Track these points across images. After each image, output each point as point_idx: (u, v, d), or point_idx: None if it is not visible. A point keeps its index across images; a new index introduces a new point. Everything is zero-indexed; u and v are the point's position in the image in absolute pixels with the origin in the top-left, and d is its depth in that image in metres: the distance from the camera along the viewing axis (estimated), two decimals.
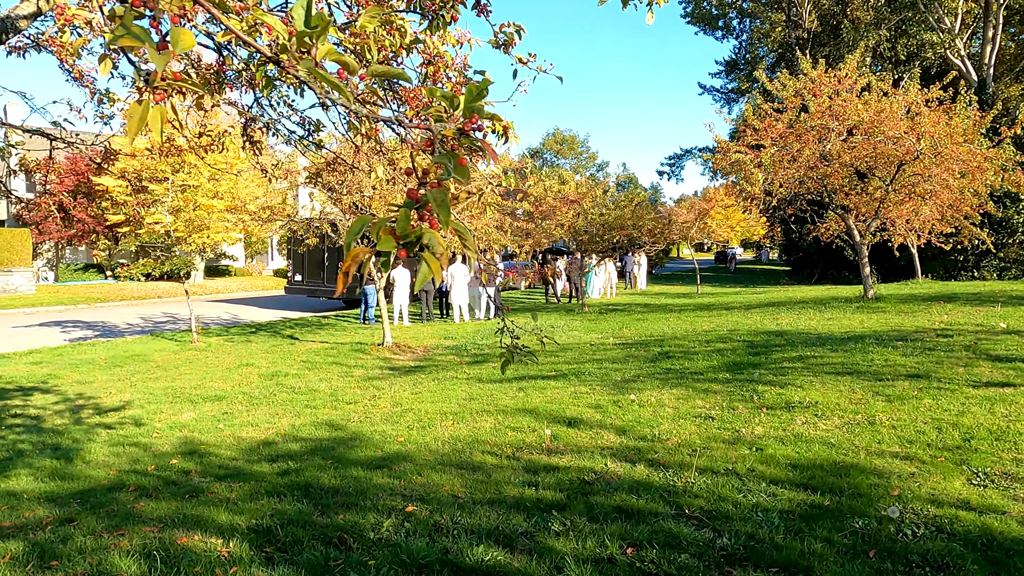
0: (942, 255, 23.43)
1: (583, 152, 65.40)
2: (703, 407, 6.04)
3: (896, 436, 4.80)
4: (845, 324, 11.42)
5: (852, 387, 6.42)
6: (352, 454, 5.43)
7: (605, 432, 5.44)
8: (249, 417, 7.42)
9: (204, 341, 13.48)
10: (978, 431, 4.81)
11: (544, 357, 10.26)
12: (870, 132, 13.59)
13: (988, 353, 7.89)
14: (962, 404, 5.60)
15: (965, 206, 14.14)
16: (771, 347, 9.40)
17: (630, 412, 6.05)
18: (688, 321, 13.83)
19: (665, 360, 8.96)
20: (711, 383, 7.11)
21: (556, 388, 7.52)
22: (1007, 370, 6.90)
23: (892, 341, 9.11)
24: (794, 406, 5.80)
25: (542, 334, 3.17)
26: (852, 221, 14.88)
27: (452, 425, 6.13)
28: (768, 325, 12.06)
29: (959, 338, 9.12)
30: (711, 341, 10.51)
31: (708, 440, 4.98)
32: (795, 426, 5.19)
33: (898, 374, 6.93)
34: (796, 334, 10.54)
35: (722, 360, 8.62)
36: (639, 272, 28.62)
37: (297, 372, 10.31)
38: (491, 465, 4.78)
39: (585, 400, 6.71)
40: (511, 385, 7.95)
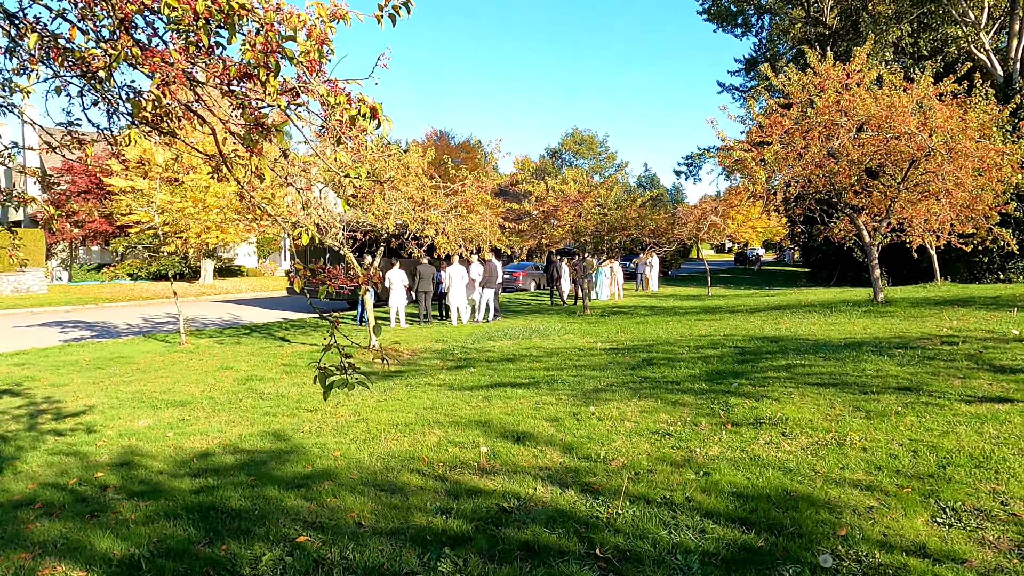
0: (965, 257, 22.42)
1: (602, 152, 64.71)
2: (665, 422, 5.55)
3: (864, 460, 4.28)
4: (847, 329, 10.78)
5: (832, 401, 5.87)
6: (279, 470, 5.05)
7: (551, 450, 4.98)
8: (204, 425, 7.10)
9: (193, 343, 13.27)
10: (958, 456, 4.26)
11: (528, 362, 9.83)
12: (880, 128, 12.91)
13: (991, 363, 7.26)
14: (948, 423, 5.04)
15: (982, 205, 13.35)
16: (761, 354, 8.84)
17: (586, 427, 5.59)
18: (687, 325, 13.26)
19: (647, 367, 8.45)
20: (684, 394, 6.60)
21: (522, 397, 7.07)
22: (1008, 383, 6.29)
23: (891, 349, 8.50)
24: (763, 422, 5.29)
25: (382, 351, 2.74)
26: (861, 221, 14.17)
27: (397, 438, 5.72)
28: (767, 330, 11.46)
29: (964, 346, 8.47)
30: (702, 347, 9.97)
31: (656, 461, 4.50)
32: (756, 446, 4.68)
33: (887, 386, 6.36)
34: (792, 340, 9.95)
35: (705, 368, 8.09)
36: (651, 273, 27.99)
37: (273, 376, 9.99)
38: (414, 487, 4.36)
39: (546, 412, 6.26)
40: (478, 394, 7.53)
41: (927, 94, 12.54)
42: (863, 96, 12.90)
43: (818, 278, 30.98)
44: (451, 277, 16.50)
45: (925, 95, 12.52)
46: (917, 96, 12.70)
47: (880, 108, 12.30)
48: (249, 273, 30.04)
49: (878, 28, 25.16)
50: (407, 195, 11.07)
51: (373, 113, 2.91)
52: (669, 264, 37.26)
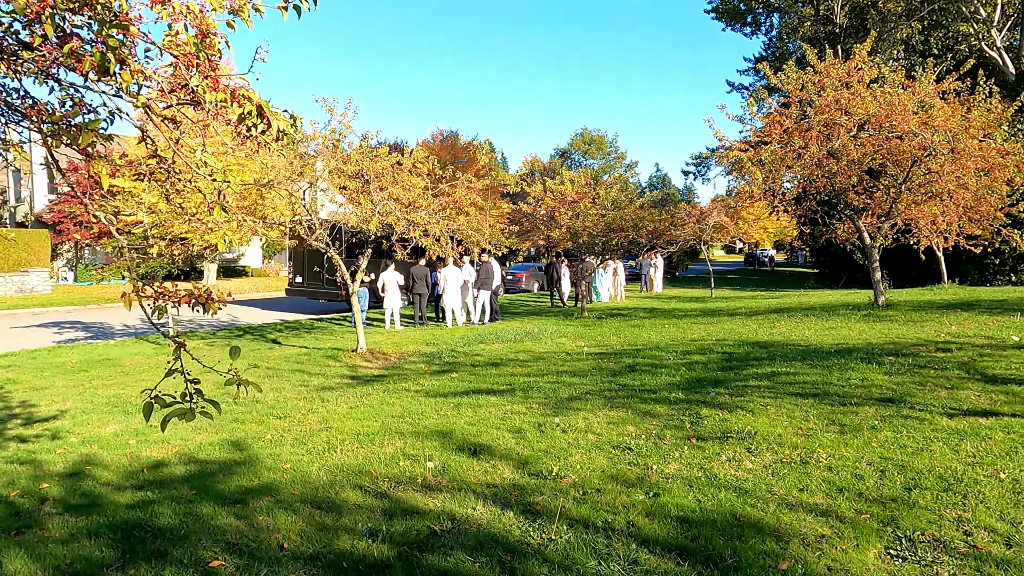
0: (976, 259, 21.86)
1: (611, 152, 64.29)
2: (630, 435, 5.29)
3: (826, 481, 4.00)
4: (842, 335, 10.44)
5: (808, 413, 5.59)
6: (224, 484, 4.85)
7: (504, 465, 4.75)
8: (169, 432, 6.91)
9: None
10: (927, 477, 3.98)
11: (512, 367, 9.60)
12: (881, 127, 12.54)
13: (984, 373, 6.92)
14: (925, 439, 4.74)
15: (986, 207, 12.92)
16: (748, 361, 8.54)
17: (548, 439, 5.34)
18: (682, 329, 12.96)
19: (628, 374, 8.19)
20: (658, 404, 6.34)
21: (493, 406, 6.84)
22: (997, 394, 5.97)
23: (882, 356, 8.17)
24: (730, 436, 5.02)
25: (236, 380, 2.55)
26: (861, 222, 13.78)
27: (354, 450, 5.51)
28: (761, 334, 11.14)
29: (959, 353, 8.13)
30: (690, 352, 9.68)
31: (608, 480, 4.26)
32: (716, 464, 4.42)
33: (869, 397, 6.06)
34: (783, 346, 9.64)
35: (687, 376, 7.81)
36: (655, 275, 27.64)
37: (255, 380, 9.80)
38: (352, 505, 4.14)
39: (511, 422, 6.02)
40: (451, 401, 7.31)
41: (928, 92, 12.15)
42: (863, 94, 12.53)
43: (827, 279, 30.47)
44: (446, 279, 16.30)
45: (927, 93, 12.13)
46: (919, 94, 12.32)
47: (880, 106, 11.93)
48: (254, 274, 30.04)
49: (887, 26, 24.66)
50: (393, 196, 10.88)
51: (260, 112, 2.70)
52: (676, 265, 36.85)
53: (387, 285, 16.23)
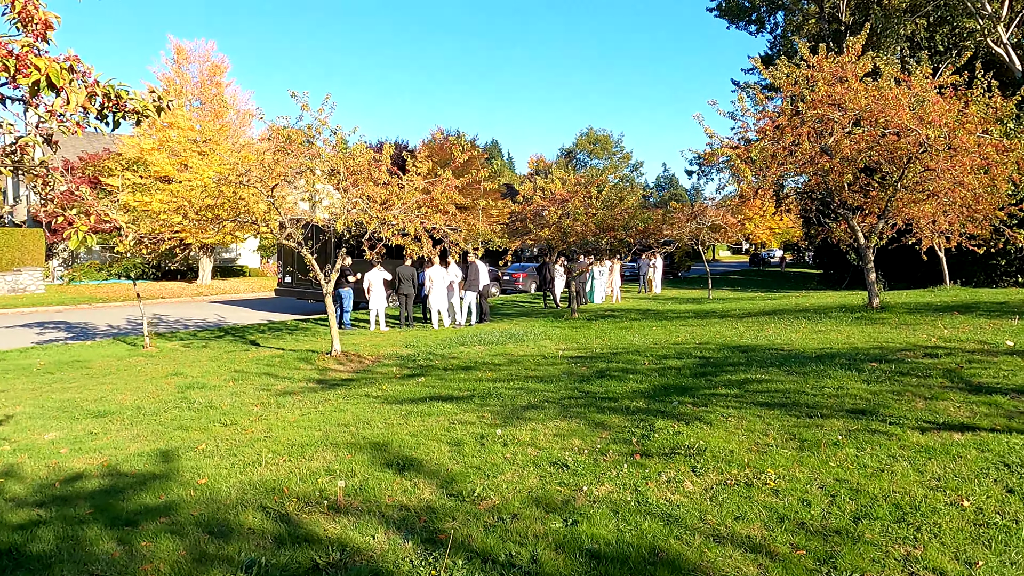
0: (982, 260, 21.19)
1: (616, 152, 63.73)
2: (573, 449, 4.87)
3: (768, 508, 3.56)
4: (829, 338, 9.95)
5: (770, 426, 5.14)
6: (129, 501, 4.47)
7: (427, 483, 4.33)
8: (108, 440, 6.58)
9: (157, 346, 12.85)
10: (881, 504, 3.53)
11: (483, 372, 9.19)
12: (875, 122, 12.02)
13: (969, 381, 6.44)
14: (890, 457, 4.29)
15: (985, 205, 12.35)
16: (724, 366, 8.08)
17: (485, 454, 4.93)
18: (669, 331, 12.50)
19: (596, 380, 7.75)
20: (615, 413, 5.90)
21: (443, 414, 6.43)
22: (979, 405, 5.49)
23: (865, 362, 7.69)
24: (678, 452, 4.58)
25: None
26: (856, 222, 13.25)
27: (280, 463, 5.12)
28: (746, 338, 10.67)
29: (946, 359, 7.63)
30: (668, 356, 9.23)
31: (530, 503, 3.84)
32: (653, 485, 3.98)
33: (840, 408, 5.60)
34: (765, 350, 9.16)
35: (657, 382, 7.37)
36: (654, 275, 27.13)
37: (218, 384, 9.48)
38: (246, 529, 3.75)
39: (455, 433, 5.61)
40: (404, 408, 6.91)
41: (924, 86, 11.62)
42: (856, 88, 12.02)
43: (831, 280, 29.82)
44: (432, 279, 15.91)
45: (922, 87, 11.60)
46: (914, 88, 11.78)
47: (873, 101, 11.41)
48: (251, 273, 29.79)
49: (890, 22, 24.01)
50: (366, 193, 10.50)
51: (50, 82, 2.30)
52: (678, 266, 36.26)
53: (372, 285, 15.87)
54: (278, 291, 20.00)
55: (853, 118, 12.44)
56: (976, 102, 11.85)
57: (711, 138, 13.68)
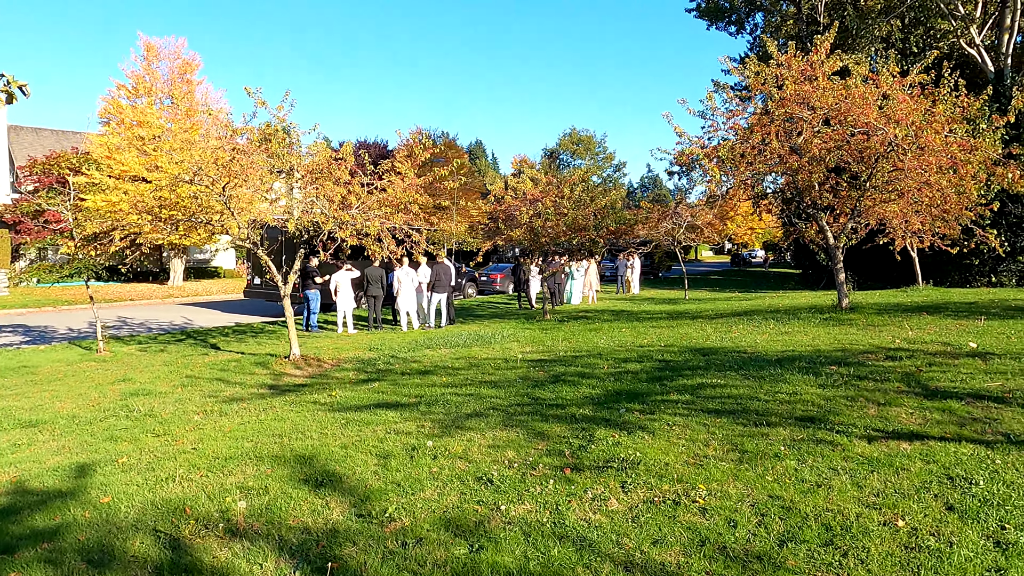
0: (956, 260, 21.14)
1: (599, 152, 63.60)
2: (504, 462, 4.58)
3: (691, 530, 3.29)
4: (794, 340, 9.74)
5: (713, 436, 4.88)
6: (21, 523, 4.14)
7: (340, 502, 4.03)
8: (30, 452, 6.22)
9: (112, 351, 12.43)
10: (811, 525, 3.27)
11: (439, 376, 8.89)
12: (843, 121, 11.84)
13: (926, 385, 6.22)
14: (831, 470, 4.04)
15: (952, 206, 12.20)
16: (681, 370, 7.83)
17: (411, 467, 4.63)
18: (637, 333, 12.26)
19: (549, 386, 7.47)
20: (558, 422, 5.63)
21: (382, 423, 6.13)
22: (932, 411, 5.26)
23: (825, 365, 7.47)
24: (611, 466, 4.31)
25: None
26: (825, 222, 13.09)
27: (195, 479, 4.79)
28: (711, 340, 10.44)
29: (907, 362, 7.43)
30: (629, 359, 8.98)
31: (442, 525, 3.55)
32: (575, 504, 3.71)
33: (791, 416, 5.35)
34: (727, 353, 8.93)
35: (609, 388, 7.11)
36: (632, 276, 26.93)
37: (166, 391, 9.11)
38: (129, 557, 3.43)
39: (387, 444, 5.31)
40: (344, 417, 6.59)
41: (891, 85, 11.46)
42: (824, 87, 11.84)
43: (809, 280, 29.77)
44: (400, 280, 15.59)
45: (889, 86, 11.43)
46: (882, 87, 11.62)
47: (839, 99, 11.24)
48: (226, 274, 29.28)
49: (864, 23, 23.96)
50: (322, 193, 10.18)
51: None
52: (658, 266, 36.12)
53: (340, 287, 15.52)
54: (247, 293, 19.59)
55: (822, 117, 12.26)
56: (943, 101, 11.71)
57: (681, 137, 13.46)
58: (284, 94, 11.10)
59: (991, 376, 6.55)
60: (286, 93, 10.68)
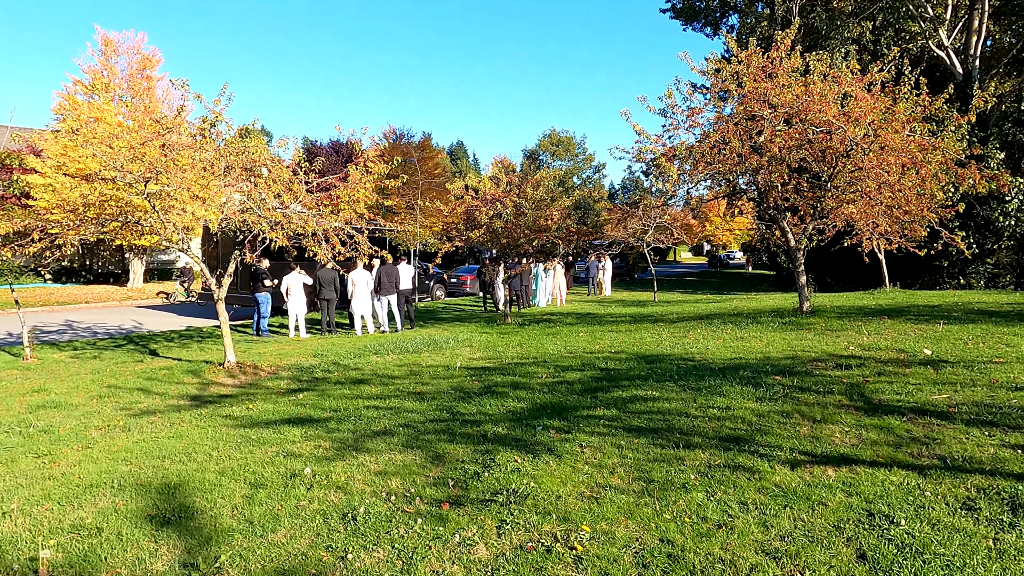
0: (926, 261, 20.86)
1: (579, 154, 63.19)
2: (384, 493, 4.02)
3: None
4: (747, 347, 9.27)
5: (625, 460, 4.35)
6: None
7: (173, 547, 3.45)
8: None
9: (39, 358, 11.71)
10: None
11: (371, 386, 8.31)
12: (803, 119, 11.41)
13: (869, 398, 5.74)
14: (740, 505, 3.52)
15: (912, 207, 11.79)
16: (619, 380, 7.31)
17: (277, 500, 4.06)
18: (593, 337, 11.75)
19: (476, 398, 6.92)
20: (464, 443, 5.08)
21: (278, 443, 5.55)
22: (869, 429, 4.77)
23: (769, 375, 6.98)
24: (496, 499, 3.76)
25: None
26: (787, 223, 12.65)
27: (33, 513, 4.19)
28: (663, 345, 9.94)
29: (856, 371, 6.95)
30: (571, 368, 8.44)
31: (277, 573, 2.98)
32: (435, 551, 3.15)
33: (716, 436, 4.84)
34: (674, 360, 8.42)
35: (538, 400, 6.57)
36: (604, 277, 26.46)
37: (79, 403, 8.47)
38: None
39: (268, 470, 4.73)
40: (245, 434, 6.01)
41: (849, 82, 11.04)
42: (783, 84, 11.40)
43: (783, 282, 29.47)
44: (354, 283, 14.98)
45: (850, 84, 11.01)
46: (842, 84, 11.20)
47: (797, 97, 10.80)
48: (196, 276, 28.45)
49: (834, 24, 23.66)
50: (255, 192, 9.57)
51: None
52: (632, 268, 35.69)
53: (292, 290, 14.88)
54: (202, 295, 18.87)
55: (783, 116, 11.82)
56: (904, 99, 11.30)
57: (639, 135, 12.95)
58: (222, 87, 10.51)
59: (940, 387, 6.10)
60: (224, 87, 10.07)
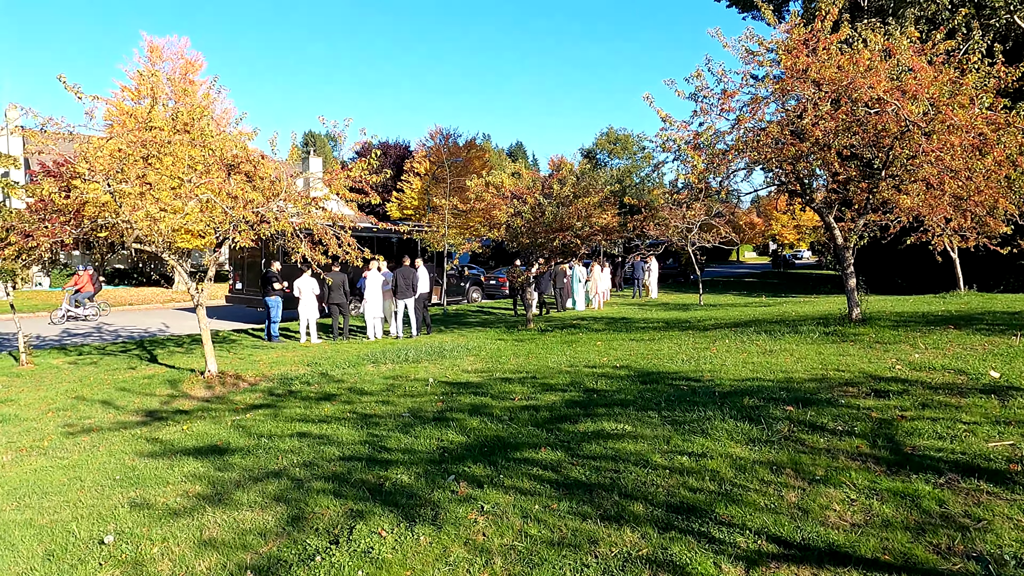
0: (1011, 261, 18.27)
1: (637, 152, 61.11)
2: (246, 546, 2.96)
3: None
4: (770, 363, 7.75)
5: (518, 541, 3.13)
6: None
7: None
8: None
9: (37, 362, 11.37)
10: None
11: (332, 406, 7.34)
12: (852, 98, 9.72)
13: (900, 445, 4.26)
14: None
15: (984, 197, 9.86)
16: (596, 406, 6.01)
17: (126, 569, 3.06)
18: (608, 348, 10.42)
19: (416, 429, 5.80)
20: (341, 499, 3.96)
21: (150, 482, 4.59)
22: (887, 499, 3.35)
23: (781, 404, 5.53)
24: None
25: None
26: (831, 219, 10.91)
27: None
28: (677, 360, 8.52)
29: (895, 401, 5.42)
30: (554, 387, 7.19)
31: None
32: None
33: (665, 500, 3.53)
34: (677, 380, 7.02)
35: (483, 433, 5.38)
36: (650, 279, 24.85)
37: (31, 417, 7.92)
38: None
39: (82, 531, 3.76)
40: (131, 468, 5.09)
41: (905, 52, 9.27)
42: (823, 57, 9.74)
43: None
44: (368, 286, 14.14)
45: (902, 52, 9.25)
46: (896, 54, 9.44)
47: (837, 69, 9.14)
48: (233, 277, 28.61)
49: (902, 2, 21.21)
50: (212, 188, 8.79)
51: None
52: (686, 268, 33.69)
53: (302, 294, 14.18)
54: (229, 298, 18.56)
55: (830, 95, 10.13)
56: (974, 69, 9.43)
57: (665, 122, 11.49)
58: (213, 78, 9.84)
59: (1003, 428, 4.54)
60: (214, 79, 9.38)
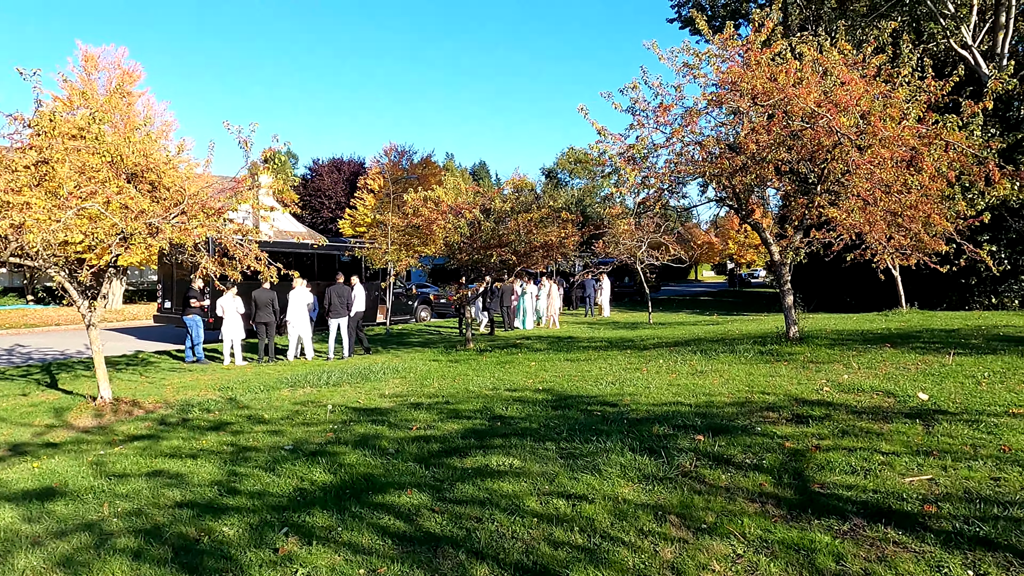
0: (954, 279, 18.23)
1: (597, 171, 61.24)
2: None
3: None
4: (698, 384, 7.21)
5: None
6: None
7: None
8: None
9: None
10: None
11: (224, 434, 6.54)
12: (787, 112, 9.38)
13: (808, 482, 3.69)
14: None
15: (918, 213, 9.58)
16: (493, 436, 5.35)
17: None
18: (540, 369, 9.80)
19: (285, 465, 5.07)
20: (148, 560, 3.23)
21: None
22: (777, 554, 2.76)
23: (693, 432, 4.95)
24: None
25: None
26: (768, 235, 10.54)
27: None
28: (601, 383, 7.92)
29: (814, 428, 4.88)
30: (461, 415, 6.51)
31: None
32: None
33: (517, 562, 2.89)
34: (591, 403, 6.41)
35: (356, 470, 4.69)
36: (602, 298, 24.43)
37: None
38: None
39: None
40: None
41: (835, 63, 8.98)
42: (757, 70, 9.41)
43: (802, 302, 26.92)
44: (292, 304, 13.31)
45: (832, 64, 8.96)
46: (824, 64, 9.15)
47: (766, 80, 8.80)
48: None
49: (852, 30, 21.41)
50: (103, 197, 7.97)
51: None
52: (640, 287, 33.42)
53: (225, 313, 13.28)
54: (156, 317, 17.47)
55: (766, 109, 9.79)
56: (904, 83, 9.19)
57: (600, 135, 11.04)
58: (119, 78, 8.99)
59: (922, 459, 4.02)
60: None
